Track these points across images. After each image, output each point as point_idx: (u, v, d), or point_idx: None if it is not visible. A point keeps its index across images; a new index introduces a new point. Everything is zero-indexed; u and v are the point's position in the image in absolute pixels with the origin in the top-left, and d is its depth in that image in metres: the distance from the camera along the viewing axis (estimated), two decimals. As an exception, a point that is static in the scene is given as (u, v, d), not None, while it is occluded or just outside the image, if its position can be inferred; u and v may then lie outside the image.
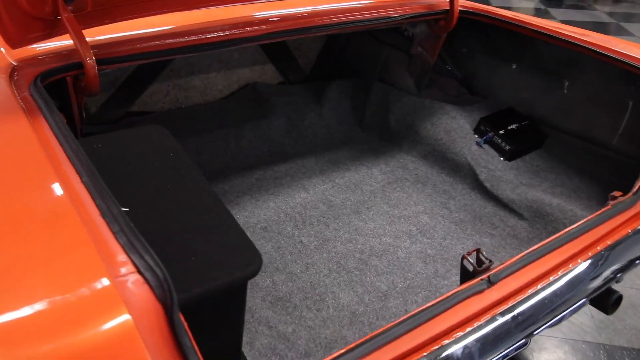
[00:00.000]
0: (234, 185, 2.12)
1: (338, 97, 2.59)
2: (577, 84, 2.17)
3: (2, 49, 1.52)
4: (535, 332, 1.20)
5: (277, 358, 1.43)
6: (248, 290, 1.63)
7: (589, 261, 1.30)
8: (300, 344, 1.47)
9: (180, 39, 1.62)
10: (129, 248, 0.84)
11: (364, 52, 2.73)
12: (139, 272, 0.82)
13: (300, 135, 2.44)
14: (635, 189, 1.46)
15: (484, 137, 2.28)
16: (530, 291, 1.20)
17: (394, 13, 2.07)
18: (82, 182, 0.99)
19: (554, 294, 1.23)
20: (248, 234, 1.83)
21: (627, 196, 1.43)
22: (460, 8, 2.21)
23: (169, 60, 2.30)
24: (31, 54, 1.48)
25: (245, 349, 1.44)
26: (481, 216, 2.03)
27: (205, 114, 2.39)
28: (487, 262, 1.31)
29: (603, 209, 1.41)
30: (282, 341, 1.47)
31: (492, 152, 2.26)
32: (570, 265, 1.27)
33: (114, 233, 0.87)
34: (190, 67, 2.40)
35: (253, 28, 1.77)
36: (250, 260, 1.03)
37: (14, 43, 1.39)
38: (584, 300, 1.33)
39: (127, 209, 1.10)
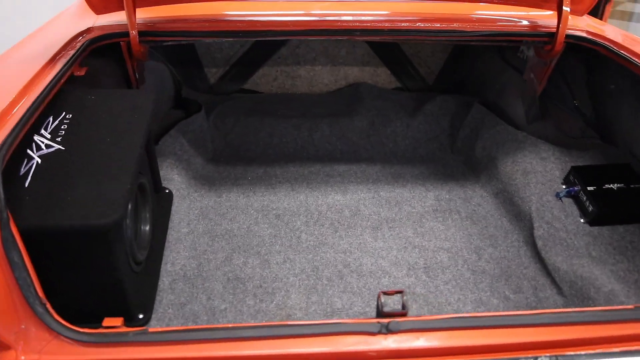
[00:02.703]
0: (287, 172, 2.21)
1: (436, 113, 2.42)
2: None
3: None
4: None
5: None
6: (218, 260, 1.74)
7: None
8: (220, 323, 1.52)
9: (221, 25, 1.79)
10: None
11: (488, 70, 2.48)
12: None
13: (379, 142, 2.37)
14: None
15: (567, 189, 1.88)
16: None
17: (477, 28, 1.84)
18: (21, 115, 1.25)
19: None
20: (260, 216, 1.96)
21: None
22: (573, 32, 1.84)
23: (276, 46, 2.49)
24: (109, 20, 1.83)
25: (175, 307, 1.56)
26: (511, 275, 1.71)
27: (296, 102, 2.51)
28: (404, 309, 1.17)
29: (617, 307, 1.10)
30: (208, 314, 1.55)
31: (573, 209, 1.85)
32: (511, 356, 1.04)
33: None
34: (296, 57, 2.55)
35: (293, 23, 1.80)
36: (104, 214, 1.15)
37: (97, 10, 1.75)
38: None
39: (63, 148, 1.34)
